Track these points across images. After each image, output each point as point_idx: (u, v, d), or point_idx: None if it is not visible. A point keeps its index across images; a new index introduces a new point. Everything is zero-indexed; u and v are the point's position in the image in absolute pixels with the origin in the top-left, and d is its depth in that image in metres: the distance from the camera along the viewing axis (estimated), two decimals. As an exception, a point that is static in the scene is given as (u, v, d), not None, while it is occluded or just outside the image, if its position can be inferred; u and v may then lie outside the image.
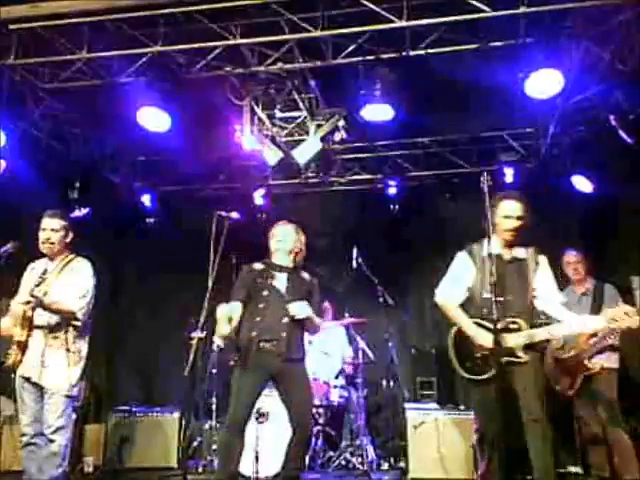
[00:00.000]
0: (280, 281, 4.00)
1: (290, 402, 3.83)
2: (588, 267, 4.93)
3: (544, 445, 3.42)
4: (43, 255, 4.09)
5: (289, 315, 3.83)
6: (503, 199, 3.65)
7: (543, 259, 3.71)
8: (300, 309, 3.86)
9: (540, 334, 3.53)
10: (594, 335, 4.51)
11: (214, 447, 5.59)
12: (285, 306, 3.86)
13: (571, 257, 4.96)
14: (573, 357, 4.63)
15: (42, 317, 3.87)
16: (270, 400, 5.24)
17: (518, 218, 3.61)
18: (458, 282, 3.78)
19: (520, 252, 3.70)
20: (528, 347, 3.51)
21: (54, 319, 3.90)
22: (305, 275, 4.16)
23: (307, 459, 5.44)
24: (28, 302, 3.78)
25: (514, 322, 3.52)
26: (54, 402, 3.84)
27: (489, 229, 3.41)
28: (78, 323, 3.97)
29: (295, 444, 3.78)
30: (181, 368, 3.84)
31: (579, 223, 6.54)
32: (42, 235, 4.00)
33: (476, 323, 3.65)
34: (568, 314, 3.63)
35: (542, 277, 3.67)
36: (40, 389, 3.87)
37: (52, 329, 3.89)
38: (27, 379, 3.85)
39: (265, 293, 3.91)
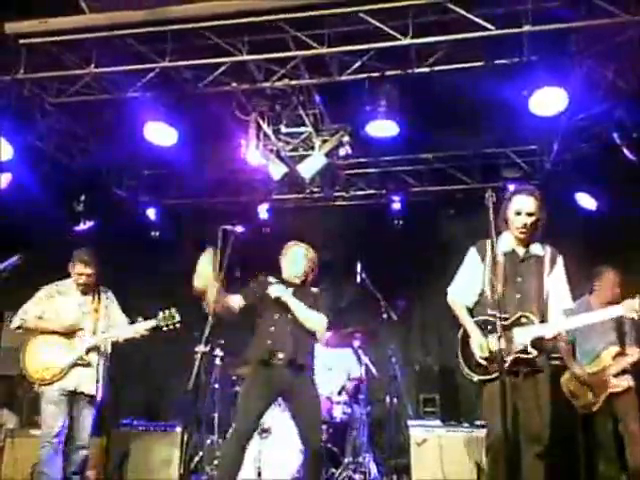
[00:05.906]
0: None
1: (298, 419, 3.84)
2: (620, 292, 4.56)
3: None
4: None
5: (293, 326, 3.94)
6: (515, 194, 3.47)
7: (560, 260, 3.52)
8: (278, 290, 4.01)
9: (551, 327, 3.33)
10: (620, 353, 4.45)
11: (216, 462, 5.54)
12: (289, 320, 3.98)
13: (610, 274, 4.71)
14: (596, 373, 4.54)
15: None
16: (273, 415, 5.25)
17: (529, 214, 3.42)
18: (468, 281, 3.61)
19: (537, 249, 3.51)
20: (538, 345, 3.30)
21: (109, 343, 4.49)
22: (312, 289, 4.26)
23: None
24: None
25: (525, 316, 3.33)
26: (91, 412, 4.33)
27: (494, 226, 3.18)
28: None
29: (308, 463, 3.81)
30: (184, 382, 3.83)
31: (583, 240, 6.52)
32: (80, 279, 4.43)
33: (485, 321, 3.44)
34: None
35: (554, 278, 3.48)
36: (77, 401, 4.31)
37: (103, 350, 4.44)
38: (75, 393, 4.25)
39: (276, 316, 4.00)
